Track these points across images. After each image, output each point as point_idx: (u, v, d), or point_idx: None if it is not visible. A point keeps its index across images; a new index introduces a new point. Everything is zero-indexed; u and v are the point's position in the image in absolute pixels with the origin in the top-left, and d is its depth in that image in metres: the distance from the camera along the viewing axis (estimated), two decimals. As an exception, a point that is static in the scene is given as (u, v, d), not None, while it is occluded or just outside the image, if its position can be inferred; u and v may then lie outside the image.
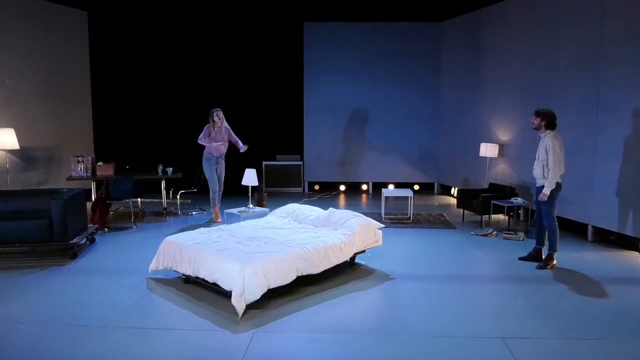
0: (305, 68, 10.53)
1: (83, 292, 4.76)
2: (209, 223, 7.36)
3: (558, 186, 5.42)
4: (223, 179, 7.70)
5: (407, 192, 8.14)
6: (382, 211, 8.21)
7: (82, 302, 4.48)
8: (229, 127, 7.62)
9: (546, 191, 5.39)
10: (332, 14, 10.07)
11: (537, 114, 5.50)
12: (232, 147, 7.70)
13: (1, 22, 7.82)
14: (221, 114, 7.43)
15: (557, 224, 5.54)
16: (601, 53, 6.48)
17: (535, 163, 5.60)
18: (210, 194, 7.60)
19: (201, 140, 7.39)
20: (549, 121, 5.44)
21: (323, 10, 9.89)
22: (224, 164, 7.65)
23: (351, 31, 10.38)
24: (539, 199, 5.52)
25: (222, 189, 7.75)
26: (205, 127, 7.44)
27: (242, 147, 7.63)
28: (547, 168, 5.41)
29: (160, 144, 7.23)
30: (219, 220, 7.51)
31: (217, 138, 7.43)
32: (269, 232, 5.30)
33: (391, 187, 10.39)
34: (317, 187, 10.94)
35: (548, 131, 5.46)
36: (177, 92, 10.25)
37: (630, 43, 6.06)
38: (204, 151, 7.51)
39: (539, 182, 5.58)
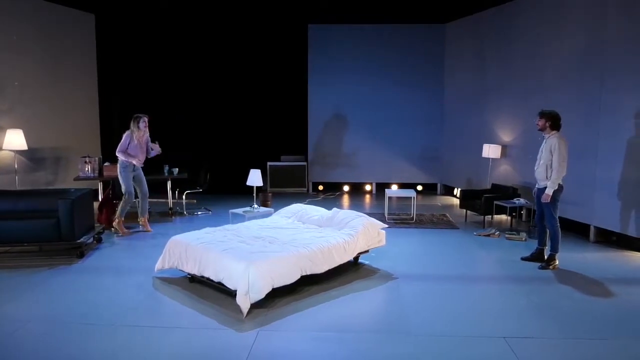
0: (310, 69, 10.59)
1: (90, 290, 4.82)
2: (115, 234, 6.90)
3: (560, 187, 5.41)
4: (145, 184, 7.16)
5: (411, 193, 8.18)
6: (386, 211, 8.25)
7: (89, 301, 4.54)
8: (148, 136, 7.10)
9: (549, 192, 5.38)
10: (337, 17, 10.12)
11: (542, 115, 5.47)
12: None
13: (10, 24, 7.92)
14: (147, 121, 6.94)
15: (559, 225, 5.55)
16: (604, 55, 6.50)
17: (538, 164, 5.57)
18: (124, 202, 6.90)
19: (120, 154, 6.78)
20: (554, 122, 5.41)
21: (327, 12, 9.94)
22: (141, 169, 7.08)
23: (355, 33, 10.42)
24: (542, 201, 5.49)
25: (147, 194, 7.20)
26: (124, 135, 6.83)
27: (155, 151, 7.18)
28: (550, 169, 5.39)
29: (166, 145, 7.29)
30: (125, 232, 6.94)
31: (136, 149, 6.87)
32: (273, 232, 5.35)
33: (394, 187, 10.43)
34: (321, 187, 11.00)
35: (553, 132, 5.44)
36: (183, 93, 10.34)
37: (633, 45, 6.09)
38: (120, 160, 6.87)
39: (541, 184, 5.55)
